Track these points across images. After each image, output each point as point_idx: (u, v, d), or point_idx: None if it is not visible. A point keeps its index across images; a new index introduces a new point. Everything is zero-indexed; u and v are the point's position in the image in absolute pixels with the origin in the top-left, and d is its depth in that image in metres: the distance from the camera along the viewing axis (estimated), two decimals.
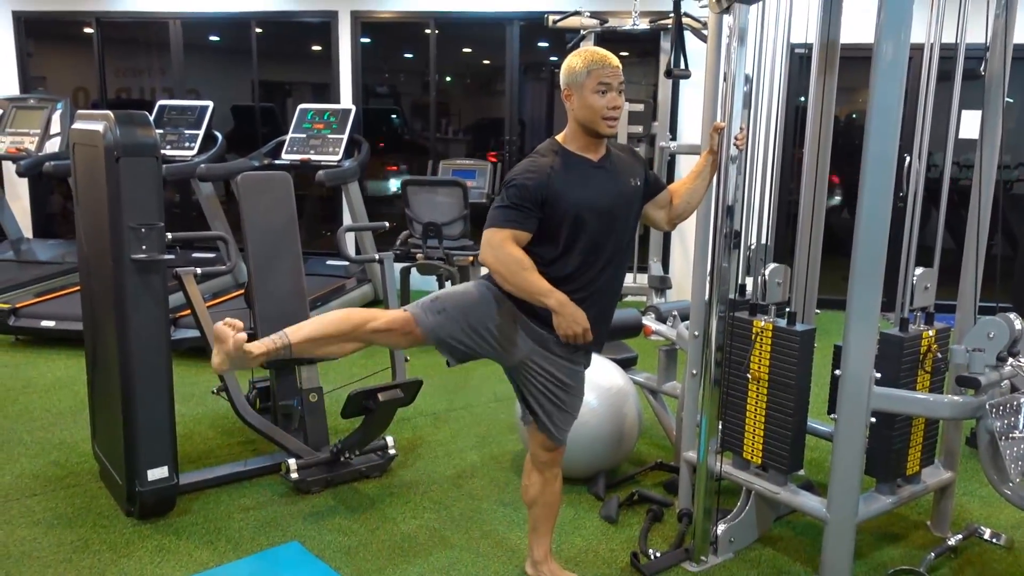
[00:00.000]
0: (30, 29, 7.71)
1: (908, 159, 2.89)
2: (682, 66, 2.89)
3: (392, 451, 3.58)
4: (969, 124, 3.60)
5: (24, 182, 7.66)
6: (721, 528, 2.90)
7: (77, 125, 3.17)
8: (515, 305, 2.39)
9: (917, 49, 2.62)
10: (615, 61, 2.35)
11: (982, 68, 2.88)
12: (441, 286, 5.81)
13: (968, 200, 2.95)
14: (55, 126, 6.85)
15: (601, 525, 3.16)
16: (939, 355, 2.83)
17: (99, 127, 2.91)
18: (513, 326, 2.40)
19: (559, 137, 2.42)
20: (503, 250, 2.30)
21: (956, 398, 2.69)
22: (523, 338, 2.41)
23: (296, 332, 2.33)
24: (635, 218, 2.51)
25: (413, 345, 2.45)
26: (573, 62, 2.36)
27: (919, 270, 2.80)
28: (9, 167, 7.34)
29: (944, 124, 2.84)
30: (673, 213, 2.63)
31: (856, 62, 3.55)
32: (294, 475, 3.32)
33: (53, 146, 6.76)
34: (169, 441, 3.11)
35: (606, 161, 2.42)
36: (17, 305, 5.39)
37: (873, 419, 2.64)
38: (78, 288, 3.65)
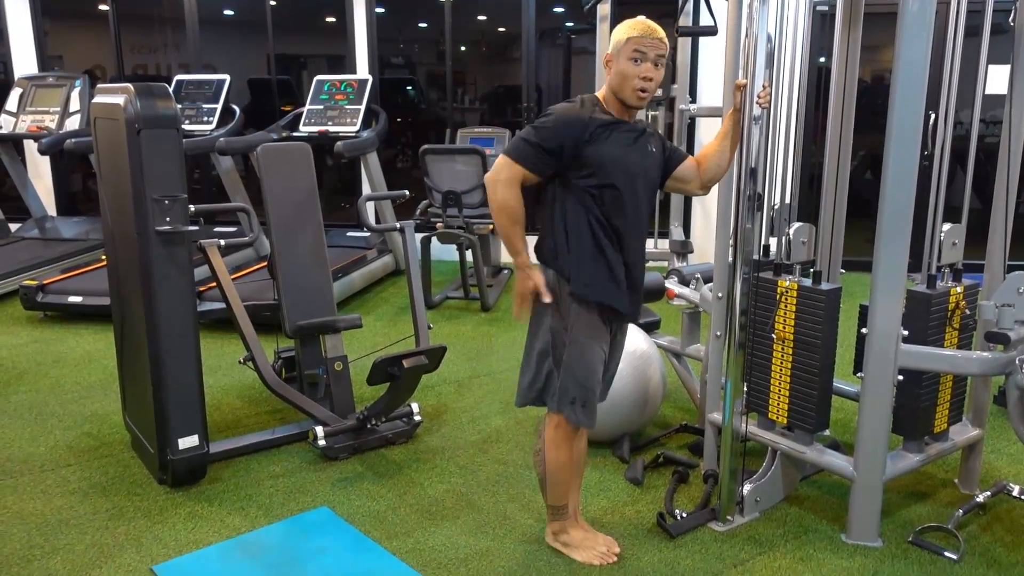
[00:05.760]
0: (46, 7, 7.73)
1: (933, 116, 2.84)
2: (711, 22, 2.84)
3: (417, 417, 3.61)
4: (997, 79, 3.53)
5: (46, 160, 7.72)
6: (747, 488, 2.91)
7: (98, 99, 3.18)
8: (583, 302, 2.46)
9: (943, 3, 2.57)
10: (659, 33, 2.37)
11: (1011, 19, 2.81)
12: (462, 256, 5.81)
13: (995, 158, 2.90)
14: (74, 104, 6.89)
15: (627, 487, 3.18)
16: (967, 311, 2.81)
17: (119, 100, 2.92)
18: (592, 320, 2.47)
19: (599, 94, 2.46)
20: (508, 193, 2.37)
21: (985, 354, 2.67)
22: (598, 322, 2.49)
23: (557, 498, 2.66)
24: (655, 186, 2.56)
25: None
26: (619, 29, 2.39)
27: (947, 226, 2.77)
28: (31, 146, 7.40)
29: (971, 80, 2.79)
30: (705, 177, 2.65)
31: (880, 19, 3.48)
32: (322, 442, 3.36)
33: (73, 124, 6.81)
34: (199, 410, 3.15)
35: (636, 124, 2.48)
36: (44, 282, 5.46)
37: (900, 377, 2.63)
38: (103, 264, 3.69)
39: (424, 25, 7.90)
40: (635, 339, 3.47)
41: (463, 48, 7.84)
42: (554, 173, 2.41)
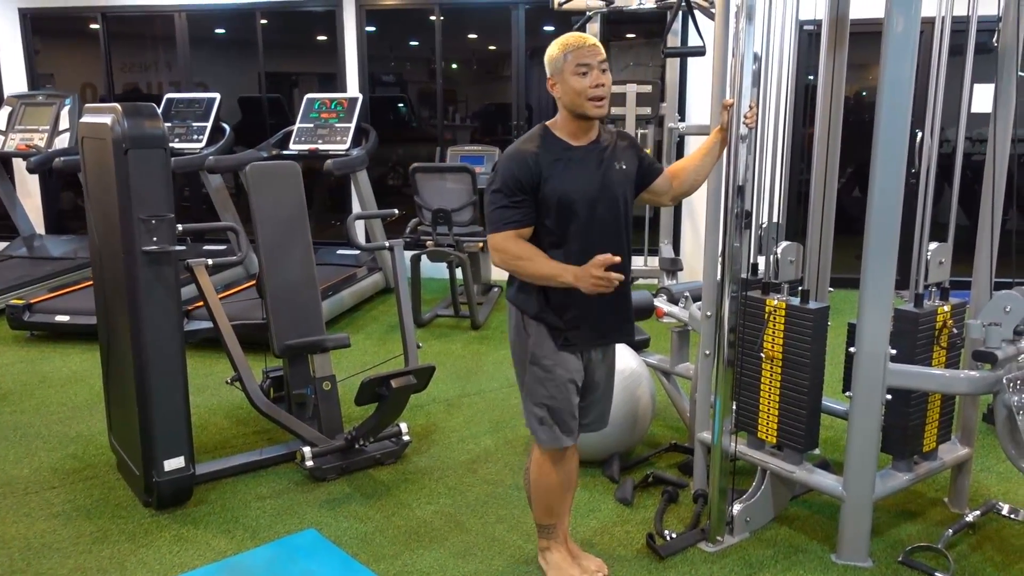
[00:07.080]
0: (36, 26, 7.73)
1: (920, 135, 2.86)
2: (700, 42, 2.86)
3: (406, 437, 3.59)
4: (982, 98, 3.56)
5: (35, 179, 7.69)
6: (737, 508, 2.89)
7: (85, 119, 3.18)
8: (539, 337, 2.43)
9: (928, 23, 2.59)
10: (591, 40, 2.36)
11: (994, 39, 2.84)
12: (451, 273, 5.80)
13: (981, 175, 2.92)
14: (64, 122, 6.87)
15: (616, 507, 3.16)
16: (955, 330, 2.81)
17: (107, 120, 2.91)
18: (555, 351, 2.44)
19: (549, 122, 2.42)
20: (508, 250, 2.33)
21: (973, 373, 2.67)
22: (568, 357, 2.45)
23: (544, 517, 2.63)
24: (626, 203, 2.46)
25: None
26: (551, 51, 2.37)
27: (933, 245, 2.78)
28: (20, 164, 7.37)
29: (956, 99, 2.81)
30: (679, 191, 2.63)
31: (866, 38, 3.51)
32: (309, 463, 3.33)
33: (62, 142, 6.79)
34: (185, 431, 3.12)
35: (594, 146, 2.40)
36: (31, 301, 5.43)
37: (889, 396, 2.63)
38: (91, 283, 3.67)
39: (415, 43, 7.93)
40: (624, 358, 3.46)
41: (454, 66, 7.87)
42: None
